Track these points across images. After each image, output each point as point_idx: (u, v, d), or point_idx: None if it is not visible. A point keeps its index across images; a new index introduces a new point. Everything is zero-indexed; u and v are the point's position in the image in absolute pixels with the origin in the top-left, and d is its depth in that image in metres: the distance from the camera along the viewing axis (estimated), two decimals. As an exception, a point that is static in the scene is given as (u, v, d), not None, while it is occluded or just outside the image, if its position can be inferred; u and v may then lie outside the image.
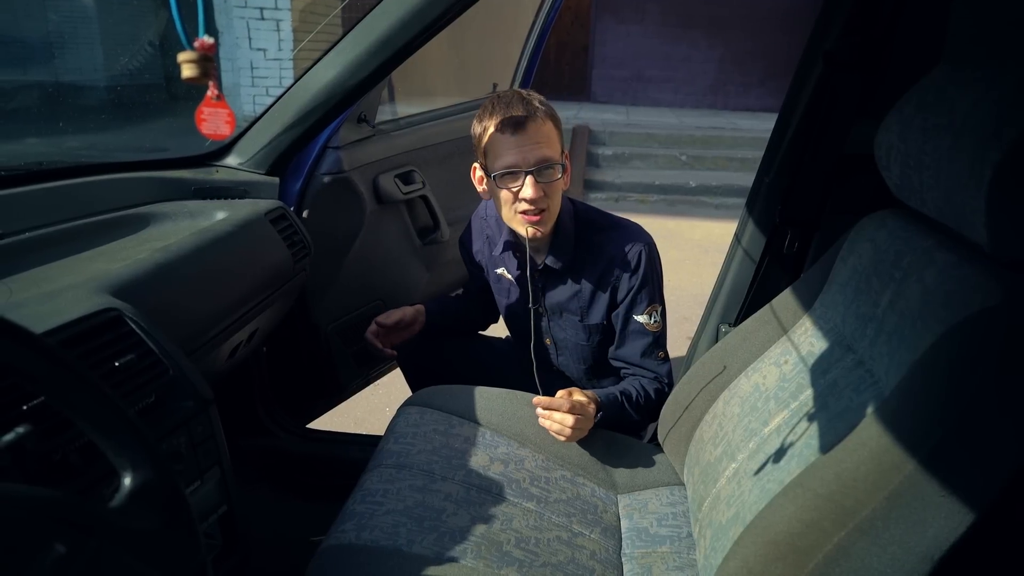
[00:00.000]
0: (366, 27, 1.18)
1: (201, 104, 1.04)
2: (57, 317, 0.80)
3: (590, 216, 1.44)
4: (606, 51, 9.20)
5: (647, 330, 1.42)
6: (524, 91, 1.33)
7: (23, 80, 6.47)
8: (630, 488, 1.26)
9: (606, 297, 1.42)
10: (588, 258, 1.42)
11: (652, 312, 1.41)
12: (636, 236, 1.41)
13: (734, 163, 6.81)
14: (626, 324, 1.43)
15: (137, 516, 0.49)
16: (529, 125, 1.27)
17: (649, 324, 1.41)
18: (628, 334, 1.43)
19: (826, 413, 0.87)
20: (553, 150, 1.30)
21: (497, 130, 1.29)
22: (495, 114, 1.29)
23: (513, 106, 1.28)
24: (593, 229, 1.42)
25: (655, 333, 1.42)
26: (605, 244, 1.40)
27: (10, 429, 0.49)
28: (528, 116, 1.27)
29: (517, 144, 1.27)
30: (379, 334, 1.59)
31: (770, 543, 0.74)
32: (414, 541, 0.98)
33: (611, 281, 1.41)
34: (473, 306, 1.76)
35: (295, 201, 1.55)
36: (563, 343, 1.54)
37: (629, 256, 1.38)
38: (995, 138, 0.69)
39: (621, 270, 1.39)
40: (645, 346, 1.43)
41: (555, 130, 1.31)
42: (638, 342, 1.43)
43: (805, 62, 1.30)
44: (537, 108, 1.29)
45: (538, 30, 2.42)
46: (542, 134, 1.28)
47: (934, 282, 0.80)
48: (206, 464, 0.91)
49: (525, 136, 1.27)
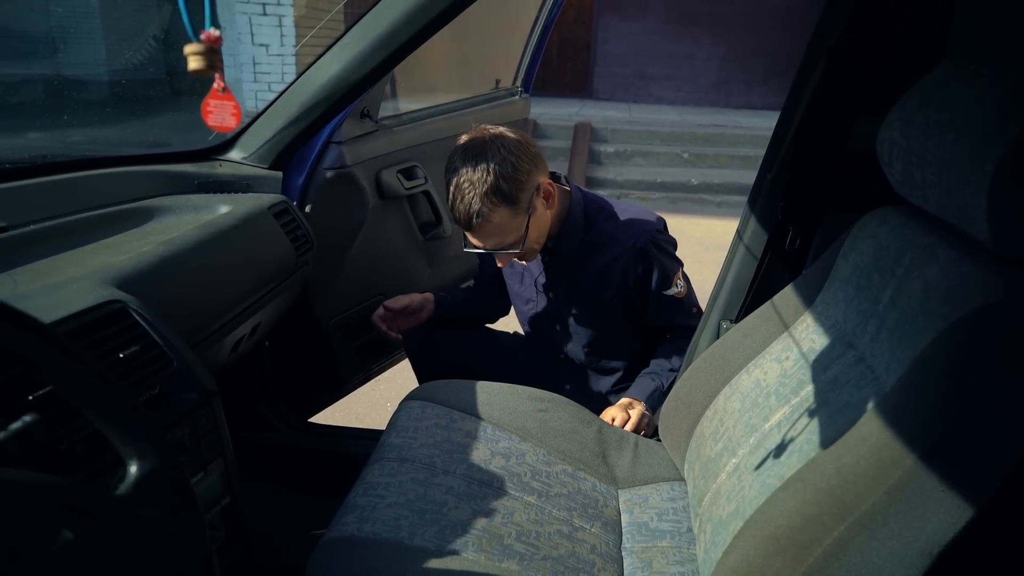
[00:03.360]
0: (370, 22, 1.18)
1: (207, 96, 1.04)
2: (62, 308, 0.80)
3: (599, 203, 1.50)
4: (608, 48, 9.20)
5: (675, 298, 1.51)
6: (472, 167, 1.30)
7: (27, 74, 6.46)
8: (631, 483, 1.27)
9: (616, 280, 1.47)
10: (597, 243, 1.47)
11: (676, 283, 1.50)
12: (644, 222, 1.48)
13: (736, 161, 6.81)
14: (656, 300, 1.51)
15: (143, 504, 0.49)
16: (475, 228, 1.34)
17: (676, 292, 1.51)
18: (659, 307, 1.52)
19: (827, 409, 0.87)
20: (507, 237, 1.36)
21: (450, 211, 1.37)
22: (449, 192, 1.34)
23: (462, 201, 1.32)
24: (602, 216, 1.48)
25: (682, 298, 1.52)
26: (614, 231, 1.47)
27: (17, 418, 0.50)
28: (472, 221, 1.33)
29: (472, 238, 1.38)
30: (386, 318, 1.61)
31: (770, 537, 0.75)
32: (415, 534, 0.99)
33: (621, 265, 1.46)
34: (483, 297, 1.78)
35: (298, 196, 1.56)
36: (573, 327, 1.58)
37: (637, 242, 1.45)
38: (997, 135, 0.69)
39: (631, 256, 1.45)
40: (677, 310, 1.53)
41: (507, 210, 1.32)
42: (669, 310, 1.53)
43: (808, 59, 1.29)
44: (478, 211, 1.30)
45: (541, 26, 2.42)
46: (490, 231, 1.35)
47: (935, 278, 0.80)
48: (209, 456, 0.91)
49: (474, 234, 1.37)
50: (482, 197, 1.29)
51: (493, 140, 1.32)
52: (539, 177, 1.37)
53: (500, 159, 1.30)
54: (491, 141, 1.32)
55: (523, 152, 1.33)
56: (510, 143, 1.32)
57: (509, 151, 1.31)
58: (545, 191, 1.38)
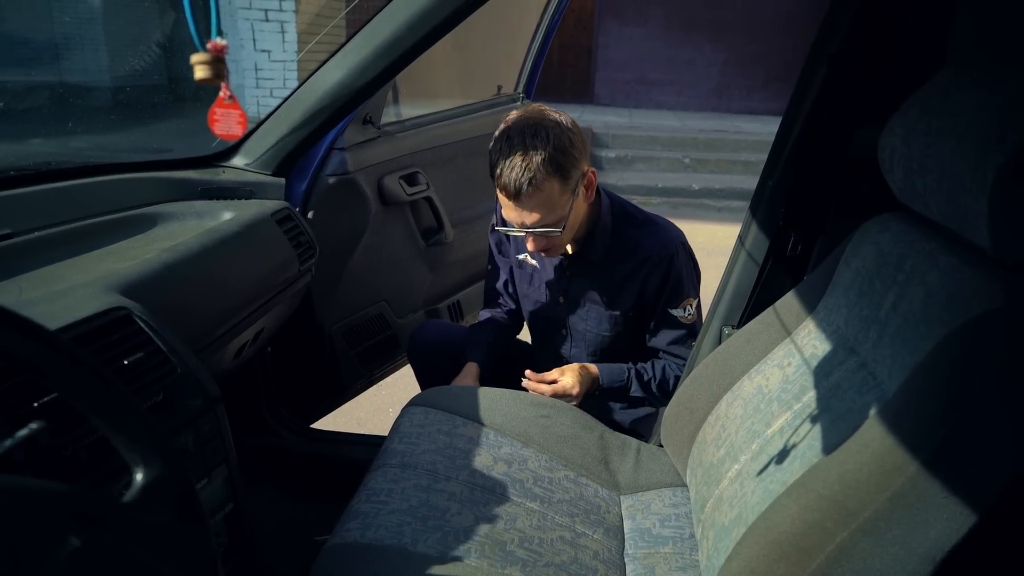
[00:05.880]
0: (373, 29, 1.19)
1: (214, 105, 1.05)
2: (67, 315, 0.80)
3: (627, 211, 1.50)
4: (609, 53, 9.22)
5: (681, 322, 1.49)
6: (532, 135, 1.28)
7: (31, 81, 6.50)
8: (633, 489, 1.27)
9: (636, 289, 1.47)
10: (622, 251, 1.47)
11: (687, 306, 1.48)
12: (670, 233, 1.48)
13: (737, 166, 6.81)
14: (662, 316, 1.49)
15: (149, 510, 0.50)
16: (523, 197, 1.29)
17: (683, 317, 1.48)
18: (662, 325, 1.50)
19: (829, 415, 0.87)
20: (554, 212, 1.32)
21: (498, 184, 1.32)
22: (499, 162, 1.29)
23: (514, 168, 1.27)
24: (630, 224, 1.48)
25: (688, 325, 1.49)
26: (640, 239, 1.46)
27: (24, 425, 0.50)
28: (523, 188, 1.27)
29: (516, 208, 1.32)
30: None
31: (773, 543, 0.75)
32: (418, 540, 0.99)
33: (643, 275, 1.46)
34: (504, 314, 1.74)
35: (301, 202, 1.56)
36: (580, 333, 1.57)
37: (663, 252, 1.44)
38: (999, 142, 0.69)
39: (654, 265, 1.44)
40: (677, 336, 1.50)
41: (559, 184, 1.30)
42: (670, 332, 1.50)
43: (809, 65, 1.30)
44: (535, 175, 1.27)
45: (542, 32, 2.43)
46: (539, 201, 1.30)
47: (937, 285, 0.80)
48: (213, 462, 0.92)
49: (522, 204, 1.31)
50: (538, 165, 1.27)
51: (549, 116, 1.33)
52: (586, 163, 1.37)
53: (558, 132, 1.30)
54: (547, 117, 1.32)
55: (576, 133, 1.34)
56: (565, 121, 1.33)
57: (565, 128, 1.32)
58: (588, 180, 1.38)
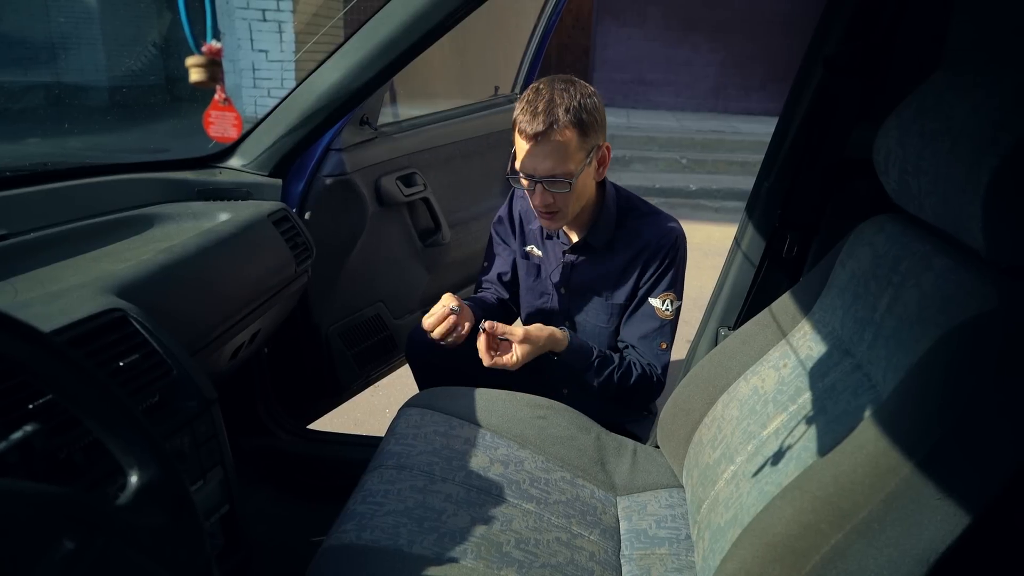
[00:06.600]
0: (370, 30, 1.19)
1: (209, 107, 1.05)
2: (63, 317, 0.80)
3: (632, 202, 1.51)
4: (607, 54, 9.21)
5: (656, 315, 1.47)
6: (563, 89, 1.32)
7: (27, 81, 6.48)
8: (629, 490, 1.27)
9: (634, 278, 1.47)
10: (624, 240, 1.48)
11: (667, 299, 1.47)
12: (672, 225, 1.48)
13: (734, 167, 6.82)
14: (639, 304, 1.48)
15: (144, 513, 0.50)
16: (543, 140, 1.30)
17: (660, 310, 1.46)
18: (637, 314, 1.49)
19: (824, 416, 0.88)
20: (566, 164, 1.32)
21: (519, 129, 1.33)
22: (525, 110, 1.32)
23: (538, 113, 1.29)
24: (634, 214, 1.49)
25: (664, 320, 1.47)
26: (642, 228, 1.47)
27: (18, 427, 0.50)
28: (545, 130, 1.29)
29: (531, 152, 1.32)
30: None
31: (768, 545, 0.75)
32: (414, 541, 0.99)
33: (641, 263, 1.46)
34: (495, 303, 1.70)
35: (297, 203, 1.56)
36: (581, 325, 1.57)
37: (662, 241, 1.45)
38: (993, 144, 0.69)
39: (652, 253, 1.45)
40: (649, 329, 1.47)
41: (577, 138, 1.32)
42: (644, 323, 1.48)
43: (805, 67, 1.30)
44: (558, 120, 1.29)
45: (540, 33, 2.44)
46: (555, 147, 1.31)
47: (931, 287, 0.80)
48: (209, 464, 0.91)
49: (538, 148, 1.31)
50: (563, 111, 1.30)
51: (581, 81, 1.37)
52: (603, 137, 1.39)
53: (587, 93, 1.34)
54: (580, 81, 1.37)
55: (601, 106, 1.38)
56: (594, 91, 1.38)
57: (594, 94, 1.36)
58: (603, 155, 1.40)
